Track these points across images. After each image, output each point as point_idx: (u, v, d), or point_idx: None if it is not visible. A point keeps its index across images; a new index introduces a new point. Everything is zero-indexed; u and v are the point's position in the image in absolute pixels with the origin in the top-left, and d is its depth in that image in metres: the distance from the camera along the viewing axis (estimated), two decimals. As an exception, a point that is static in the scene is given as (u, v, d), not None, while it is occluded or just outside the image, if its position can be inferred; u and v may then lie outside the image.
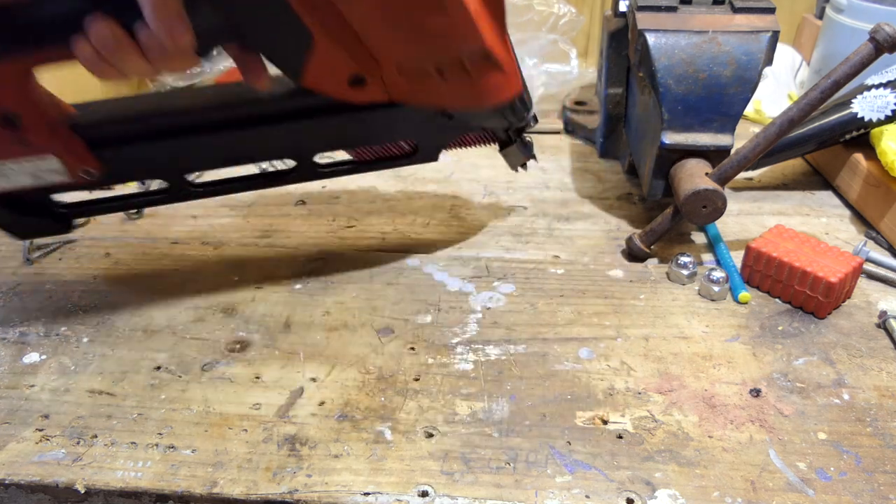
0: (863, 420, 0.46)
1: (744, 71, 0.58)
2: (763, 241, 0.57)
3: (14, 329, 0.55)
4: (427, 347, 0.52)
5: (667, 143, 0.60)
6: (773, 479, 0.42)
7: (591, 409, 0.47)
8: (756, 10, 0.60)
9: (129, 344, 0.53)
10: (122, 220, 0.70)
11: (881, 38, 0.53)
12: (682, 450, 0.44)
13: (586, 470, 0.42)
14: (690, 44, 0.59)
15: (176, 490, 0.41)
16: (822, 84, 0.55)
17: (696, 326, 0.54)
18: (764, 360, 0.51)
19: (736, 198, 0.73)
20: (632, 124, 0.73)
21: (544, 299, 0.57)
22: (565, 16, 0.97)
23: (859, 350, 0.52)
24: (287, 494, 0.41)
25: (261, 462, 0.43)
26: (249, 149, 0.53)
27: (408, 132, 0.55)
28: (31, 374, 0.50)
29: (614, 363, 0.51)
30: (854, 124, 0.68)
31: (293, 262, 0.62)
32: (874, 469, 0.43)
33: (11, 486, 0.42)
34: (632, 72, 0.70)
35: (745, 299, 0.57)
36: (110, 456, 0.44)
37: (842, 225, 0.68)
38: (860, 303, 0.57)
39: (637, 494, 0.41)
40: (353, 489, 0.41)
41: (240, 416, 0.46)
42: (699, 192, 0.56)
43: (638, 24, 0.60)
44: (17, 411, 0.47)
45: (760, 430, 0.45)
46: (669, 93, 0.59)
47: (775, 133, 0.57)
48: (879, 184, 0.65)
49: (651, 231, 0.62)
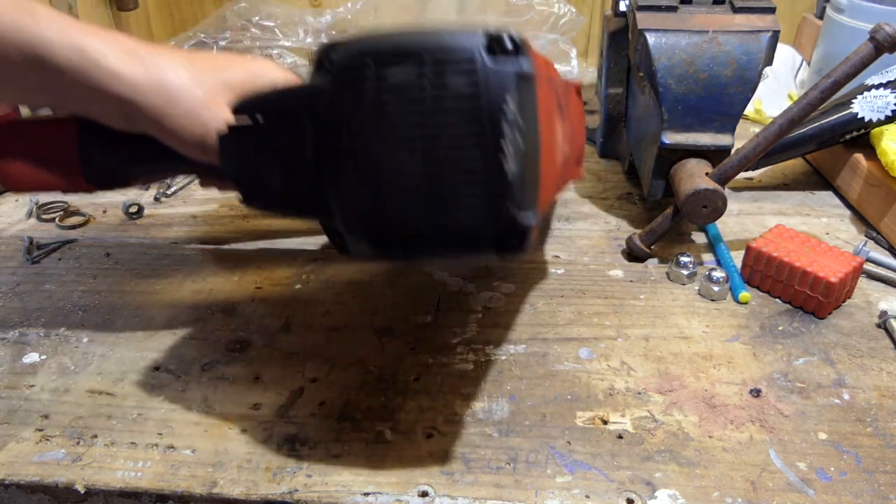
0: (863, 420, 0.46)
1: (744, 71, 0.58)
2: (763, 241, 0.57)
3: (14, 329, 0.55)
4: (427, 347, 0.52)
5: (667, 143, 0.60)
6: (774, 480, 0.42)
7: (591, 409, 0.47)
8: (756, 10, 0.60)
9: (129, 344, 0.53)
10: (122, 220, 0.70)
11: (881, 38, 0.53)
12: (683, 450, 0.44)
13: (586, 470, 0.42)
14: (690, 44, 0.59)
15: (176, 490, 0.41)
16: (822, 84, 0.55)
17: (696, 326, 0.54)
18: (764, 360, 0.51)
19: (736, 198, 0.73)
20: (632, 124, 0.73)
21: (544, 299, 0.57)
22: (565, 16, 0.97)
23: (859, 350, 0.52)
24: (287, 494, 0.41)
25: (261, 462, 0.43)
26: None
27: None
28: (31, 374, 0.50)
29: (614, 363, 0.51)
30: (854, 124, 0.68)
31: (293, 262, 0.62)
32: (874, 469, 0.42)
33: (11, 486, 0.42)
34: (632, 72, 0.70)
35: (746, 299, 0.57)
36: (110, 456, 0.43)
37: (842, 225, 0.68)
38: (860, 303, 0.57)
39: (637, 494, 0.41)
40: (353, 489, 0.41)
41: (240, 416, 0.46)
42: (699, 192, 0.56)
43: (638, 24, 0.60)
44: (17, 411, 0.47)
45: (760, 430, 0.45)
46: (669, 93, 0.59)
47: (775, 133, 0.57)
48: (880, 184, 0.65)
49: (651, 231, 0.62)
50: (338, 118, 0.35)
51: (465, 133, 0.34)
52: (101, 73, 0.39)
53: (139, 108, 0.40)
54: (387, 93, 0.34)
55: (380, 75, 0.34)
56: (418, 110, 0.34)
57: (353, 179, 0.36)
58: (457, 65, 0.33)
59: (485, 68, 0.33)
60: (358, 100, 0.34)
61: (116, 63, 0.39)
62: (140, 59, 0.40)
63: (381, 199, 0.36)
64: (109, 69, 0.39)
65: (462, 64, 0.33)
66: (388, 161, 0.35)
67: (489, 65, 0.33)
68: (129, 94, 0.39)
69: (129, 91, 0.39)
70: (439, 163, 0.34)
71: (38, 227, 0.70)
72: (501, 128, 0.33)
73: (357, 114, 0.35)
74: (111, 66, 0.39)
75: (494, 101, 0.33)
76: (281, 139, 0.39)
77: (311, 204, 0.38)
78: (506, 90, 0.33)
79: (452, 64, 0.33)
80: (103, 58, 0.39)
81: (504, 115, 0.33)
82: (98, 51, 0.39)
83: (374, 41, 0.35)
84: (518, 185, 0.34)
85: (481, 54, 0.33)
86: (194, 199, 0.74)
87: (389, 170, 0.35)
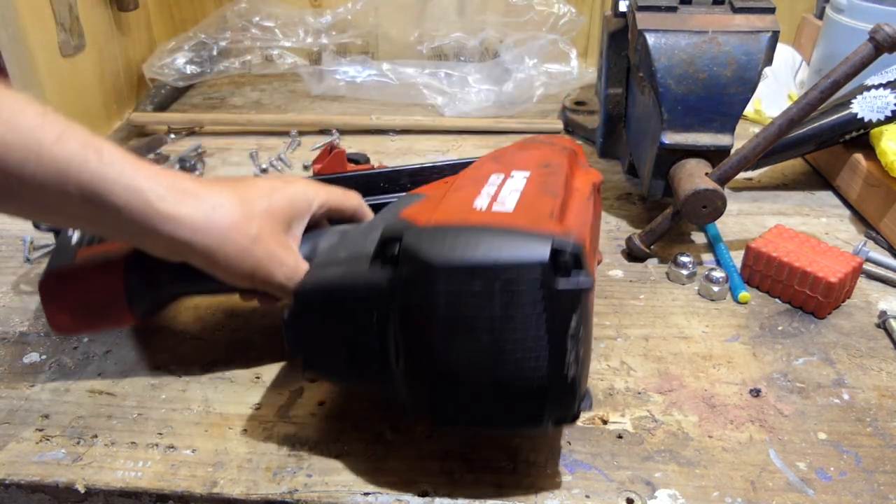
0: (863, 420, 0.46)
1: (744, 71, 0.58)
2: (763, 241, 0.57)
3: (14, 329, 0.55)
4: (427, 347, 0.52)
5: (667, 143, 0.60)
6: (773, 479, 0.42)
7: (590, 408, 0.47)
8: (756, 10, 0.60)
9: (129, 344, 0.53)
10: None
11: (881, 38, 0.53)
12: (682, 450, 0.44)
13: (586, 470, 0.42)
14: (690, 44, 0.59)
15: (176, 490, 0.41)
16: (822, 84, 0.55)
17: (696, 326, 0.54)
18: (764, 360, 0.51)
19: (736, 198, 0.73)
20: (632, 124, 0.73)
21: (544, 299, 0.57)
22: (565, 16, 0.97)
23: (859, 350, 0.52)
24: (287, 494, 0.41)
25: (261, 462, 0.43)
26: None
27: None
28: (31, 374, 0.50)
29: (614, 363, 0.51)
30: (854, 124, 0.68)
31: (293, 262, 0.62)
32: (874, 469, 0.42)
33: (11, 486, 0.42)
34: (632, 72, 0.70)
35: (745, 299, 0.57)
36: (110, 456, 0.43)
37: (842, 225, 0.68)
38: (860, 303, 0.57)
39: (637, 494, 0.41)
40: (353, 489, 0.41)
41: (240, 416, 0.46)
42: (699, 192, 0.56)
43: (638, 24, 0.60)
44: (17, 411, 0.47)
45: (760, 430, 0.45)
46: (669, 93, 0.59)
47: (775, 133, 0.57)
48: (879, 184, 0.65)
49: (651, 231, 0.62)
50: (407, 321, 0.37)
51: (531, 346, 0.35)
52: (156, 215, 0.39)
53: (193, 248, 0.41)
54: (457, 306, 0.35)
55: (450, 291, 0.35)
56: (487, 326, 0.35)
57: (420, 376, 0.38)
58: (525, 285, 0.35)
59: (551, 291, 0.35)
60: (428, 309, 0.36)
61: (171, 206, 0.40)
62: (194, 198, 0.41)
63: (447, 394, 0.38)
64: (164, 212, 0.39)
65: (530, 284, 0.35)
66: (456, 364, 0.37)
67: (555, 286, 0.35)
68: (182, 236, 0.40)
69: (182, 232, 0.40)
70: (505, 367, 0.36)
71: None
72: (566, 344, 0.35)
73: (427, 321, 0.36)
74: (166, 209, 0.39)
75: (561, 321, 0.35)
76: (346, 330, 0.40)
77: (375, 382, 0.41)
78: (572, 311, 0.35)
79: (521, 284, 0.35)
80: (159, 200, 0.39)
81: (568, 332, 0.35)
82: (154, 192, 0.39)
83: (439, 246, 0.35)
84: (577, 383, 0.37)
85: (547, 274, 0.34)
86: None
87: (457, 371, 0.37)
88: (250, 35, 1.01)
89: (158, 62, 0.95)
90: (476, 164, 0.48)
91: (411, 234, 0.37)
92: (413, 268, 0.36)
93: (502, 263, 0.34)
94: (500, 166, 0.46)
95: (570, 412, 0.38)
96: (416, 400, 0.39)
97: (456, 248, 0.35)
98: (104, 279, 0.46)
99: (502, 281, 0.35)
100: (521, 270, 0.34)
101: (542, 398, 0.37)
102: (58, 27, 0.77)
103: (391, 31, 1.04)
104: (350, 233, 0.46)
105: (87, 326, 0.48)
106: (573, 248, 0.35)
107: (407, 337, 0.37)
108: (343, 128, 0.88)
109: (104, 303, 0.46)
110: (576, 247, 0.35)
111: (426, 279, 0.35)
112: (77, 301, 0.46)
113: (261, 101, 0.97)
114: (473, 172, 0.45)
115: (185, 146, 0.83)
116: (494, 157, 0.49)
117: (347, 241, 0.44)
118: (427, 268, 0.35)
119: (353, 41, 1.04)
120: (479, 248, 0.35)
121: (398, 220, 0.40)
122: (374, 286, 0.38)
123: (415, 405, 0.40)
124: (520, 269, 0.34)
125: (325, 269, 0.42)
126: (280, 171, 0.79)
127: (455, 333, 0.36)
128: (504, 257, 0.35)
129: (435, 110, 0.93)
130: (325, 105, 0.96)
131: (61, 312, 0.46)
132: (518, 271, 0.34)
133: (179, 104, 0.97)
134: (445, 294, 0.35)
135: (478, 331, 0.35)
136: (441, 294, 0.35)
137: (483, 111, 0.91)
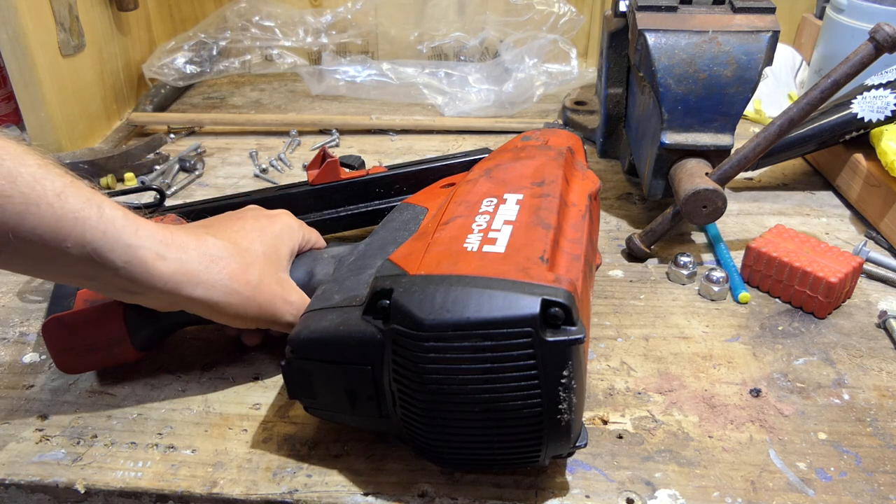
0: (863, 420, 0.46)
1: (744, 71, 0.58)
2: (763, 241, 0.57)
3: (14, 329, 0.55)
4: (427, 347, 0.52)
5: (667, 143, 0.60)
6: (773, 479, 0.42)
7: (591, 409, 0.47)
8: (756, 10, 0.60)
9: (129, 344, 0.53)
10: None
11: (881, 38, 0.53)
12: (682, 450, 0.44)
13: (586, 470, 0.42)
14: (690, 44, 0.59)
15: (176, 490, 0.41)
16: (822, 84, 0.55)
17: (696, 326, 0.54)
18: (764, 360, 0.51)
19: (736, 198, 0.73)
20: (632, 124, 0.72)
21: (544, 299, 0.57)
22: (565, 16, 0.97)
23: (859, 350, 0.52)
24: (287, 494, 0.41)
25: (261, 462, 0.43)
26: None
27: None
28: (31, 374, 0.50)
29: (614, 363, 0.51)
30: (854, 124, 0.68)
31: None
32: (874, 469, 0.42)
33: (11, 486, 0.42)
34: (632, 72, 0.70)
35: (745, 299, 0.57)
36: (110, 456, 0.43)
37: (842, 225, 0.68)
38: (860, 303, 0.57)
39: (637, 494, 0.41)
40: (353, 489, 0.41)
41: (240, 416, 0.46)
42: (699, 192, 0.56)
43: (638, 24, 0.60)
44: (17, 411, 0.47)
45: (760, 430, 0.45)
46: (669, 93, 0.59)
47: (775, 133, 0.57)
48: (879, 184, 0.65)
49: (651, 231, 0.62)
50: (399, 373, 0.37)
51: (524, 395, 0.36)
52: (157, 274, 0.39)
53: (196, 302, 0.41)
54: (447, 361, 0.35)
55: (439, 347, 0.35)
56: (480, 379, 0.35)
57: (416, 422, 0.38)
58: (517, 340, 0.35)
59: (543, 345, 0.35)
60: (419, 363, 0.36)
61: (171, 265, 0.40)
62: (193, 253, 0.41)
63: (445, 443, 0.39)
64: (165, 272, 0.39)
65: (522, 339, 0.35)
66: (450, 415, 0.37)
67: (547, 339, 0.35)
68: (183, 292, 0.40)
69: (183, 289, 0.40)
70: (499, 417, 0.37)
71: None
72: (559, 395, 0.36)
73: (418, 375, 0.36)
74: (166, 269, 0.39)
75: (553, 371, 0.35)
76: (343, 378, 0.40)
77: (374, 422, 0.41)
78: (563, 364, 0.35)
79: (511, 338, 0.35)
80: (159, 259, 0.39)
81: (561, 383, 0.35)
82: (153, 250, 0.39)
83: (429, 304, 0.35)
84: (574, 427, 0.37)
85: (539, 328, 0.34)
86: (194, 199, 0.74)
87: (452, 422, 0.37)
88: (250, 35, 1.01)
89: (158, 62, 0.95)
90: (470, 180, 0.48)
91: (401, 287, 0.37)
92: (403, 324, 0.36)
93: (491, 320, 0.35)
94: (493, 185, 0.46)
95: (566, 451, 0.39)
96: (418, 445, 0.40)
97: (445, 305, 0.35)
98: (106, 320, 0.46)
99: (492, 337, 0.35)
100: (510, 326, 0.35)
101: (538, 442, 0.37)
102: (58, 27, 0.77)
103: (391, 30, 1.04)
104: (344, 262, 0.47)
105: (92, 365, 0.48)
106: (564, 299, 0.35)
107: (401, 388, 0.38)
108: (343, 128, 0.88)
109: (108, 342, 0.47)
110: (567, 296, 0.35)
111: (416, 336, 0.35)
112: (80, 343, 0.47)
113: (261, 100, 0.97)
114: (466, 195, 0.46)
115: (185, 146, 0.83)
116: (487, 172, 0.49)
117: (342, 276, 0.45)
118: (416, 325, 0.35)
119: (352, 41, 1.04)
120: (468, 306, 0.35)
121: (389, 264, 0.40)
122: (368, 338, 0.38)
123: (418, 449, 0.41)
124: (510, 324, 0.34)
125: (320, 315, 0.41)
126: (280, 171, 0.79)
127: (447, 386, 0.36)
128: (493, 314, 0.35)
129: (435, 110, 0.93)
130: (325, 105, 0.96)
131: (66, 353, 0.47)
132: (508, 327, 0.35)
133: (179, 104, 0.97)
134: (435, 350, 0.35)
135: (470, 384, 0.36)
136: (431, 350, 0.35)
137: (483, 111, 0.91)
